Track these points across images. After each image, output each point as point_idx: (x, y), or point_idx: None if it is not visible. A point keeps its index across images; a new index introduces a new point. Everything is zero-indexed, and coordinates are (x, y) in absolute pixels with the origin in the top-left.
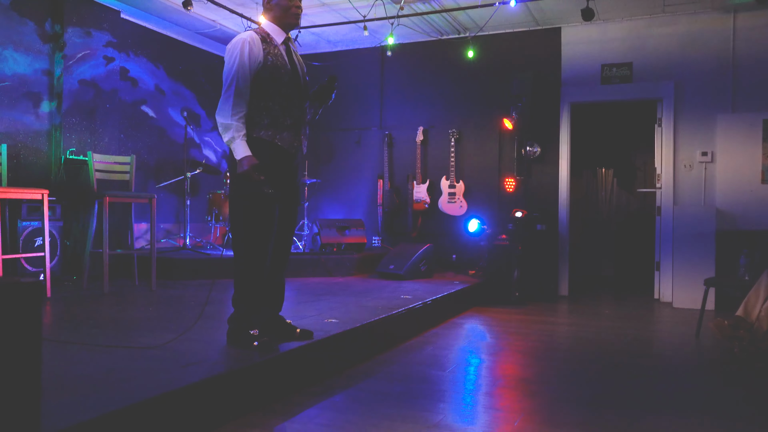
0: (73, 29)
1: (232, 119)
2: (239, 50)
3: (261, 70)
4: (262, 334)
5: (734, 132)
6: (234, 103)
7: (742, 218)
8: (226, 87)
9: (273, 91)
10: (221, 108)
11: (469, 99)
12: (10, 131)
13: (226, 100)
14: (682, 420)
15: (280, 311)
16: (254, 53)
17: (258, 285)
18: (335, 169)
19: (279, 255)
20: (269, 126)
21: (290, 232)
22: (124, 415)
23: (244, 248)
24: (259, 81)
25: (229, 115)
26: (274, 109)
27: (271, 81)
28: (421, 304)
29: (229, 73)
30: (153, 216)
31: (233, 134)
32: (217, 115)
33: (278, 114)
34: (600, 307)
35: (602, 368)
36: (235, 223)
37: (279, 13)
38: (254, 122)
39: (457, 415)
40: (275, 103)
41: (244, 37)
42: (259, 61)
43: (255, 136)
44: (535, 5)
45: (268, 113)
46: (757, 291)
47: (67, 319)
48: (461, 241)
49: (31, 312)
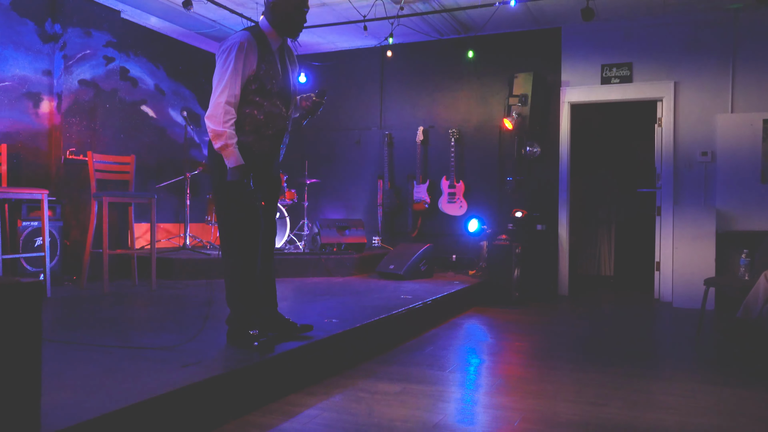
0: (73, 29)
1: (224, 126)
2: (235, 54)
3: (252, 79)
4: (262, 333)
5: (734, 132)
6: (226, 110)
7: (742, 218)
8: (218, 92)
9: (260, 100)
10: (213, 113)
11: (469, 99)
12: (10, 131)
13: (217, 105)
14: (683, 419)
15: (276, 307)
16: (249, 60)
17: (252, 284)
18: (335, 169)
19: (265, 252)
20: (250, 133)
21: (273, 226)
22: (124, 415)
23: (237, 250)
24: (249, 89)
25: (222, 122)
26: (258, 118)
27: (260, 90)
28: (421, 304)
29: (222, 77)
30: (153, 216)
31: (226, 141)
32: (207, 119)
33: (261, 124)
34: (600, 307)
35: (602, 368)
36: (225, 227)
37: (280, 20)
38: (236, 126)
39: (457, 415)
40: (260, 112)
41: (241, 39)
42: (253, 69)
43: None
44: (535, 5)
45: (252, 121)
46: (756, 291)
47: (67, 319)
48: (461, 241)
49: (31, 312)
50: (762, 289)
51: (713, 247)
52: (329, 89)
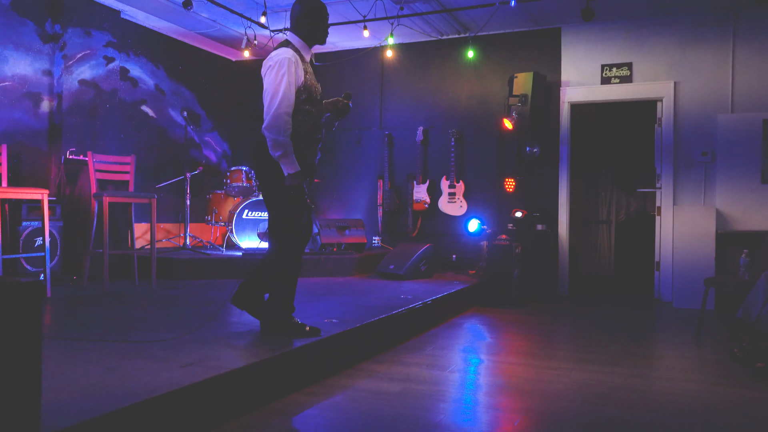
0: (73, 29)
1: (284, 135)
2: (286, 68)
3: (303, 90)
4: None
5: (734, 132)
6: (285, 120)
7: (742, 218)
8: (276, 104)
9: (309, 108)
10: (272, 125)
11: (469, 99)
12: (10, 131)
13: (277, 117)
14: (683, 419)
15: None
16: (298, 73)
17: (295, 282)
18: (335, 169)
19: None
20: (302, 140)
21: (309, 229)
22: (124, 415)
23: (288, 251)
24: (299, 99)
25: (282, 131)
26: (309, 125)
27: (309, 100)
28: (421, 304)
29: (278, 90)
30: (153, 216)
31: (286, 149)
32: (267, 131)
33: (310, 130)
34: (600, 307)
35: (602, 368)
36: (281, 231)
37: (308, 31)
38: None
39: (457, 415)
40: (310, 119)
41: (288, 55)
42: (301, 81)
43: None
44: (535, 5)
45: (304, 128)
46: (756, 292)
47: (67, 319)
48: (461, 241)
49: (31, 312)
50: (762, 289)
51: (713, 247)
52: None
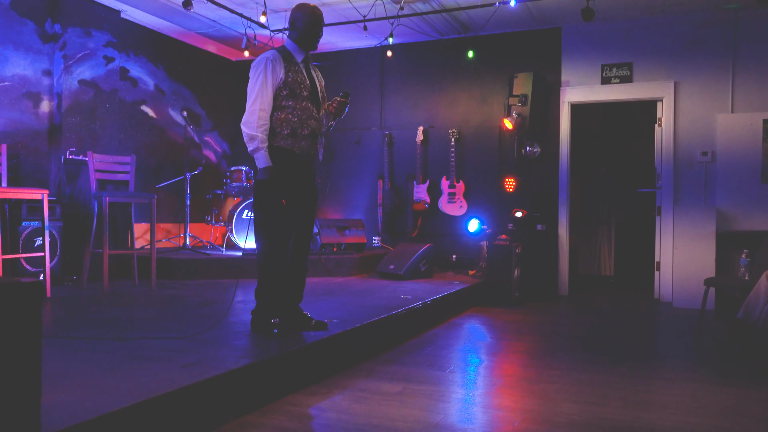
0: (73, 29)
1: (257, 131)
2: (263, 67)
3: (282, 86)
4: (283, 322)
5: (734, 132)
6: (259, 116)
7: (742, 218)
8: (251, 101)
9: (292, 104)
10: (248, 120)
11: (469, 99)
12: (10, 131)
13: (252, 113)
14: (683, 419)
15: (300, 303)
16: (276, 71)
17: (278, 279)
18: (335, 169)
19: (299, 251)
20: (289, 136)
21: (309, 229)
22: (124, 415)
23: (266, 247)
24: (281, 96)
25: (255, 127)
26: (294, 121)
27: (291, 96)
28: (421, 304)
29: (254, 88)
30: (153, 216)
31: (258, 145)
32: (243, 125)
33: (297, 126)
34: (600, 307)
35: (602, 368)
36: (257, 225)
37: (301, 35)
38: (275, 133)
39: (457, 415)
40: (294, 115)
41: (268, 55)
42: (281, 78)
43: (276, 145)
44: (535, 5)
45: (288, 124)
46: (757, 292)
47: (67, 319)
48: (461, 241)
49: (31, 312)
50: (763, 289)
51: (713, 247)
52: (329, 89)
